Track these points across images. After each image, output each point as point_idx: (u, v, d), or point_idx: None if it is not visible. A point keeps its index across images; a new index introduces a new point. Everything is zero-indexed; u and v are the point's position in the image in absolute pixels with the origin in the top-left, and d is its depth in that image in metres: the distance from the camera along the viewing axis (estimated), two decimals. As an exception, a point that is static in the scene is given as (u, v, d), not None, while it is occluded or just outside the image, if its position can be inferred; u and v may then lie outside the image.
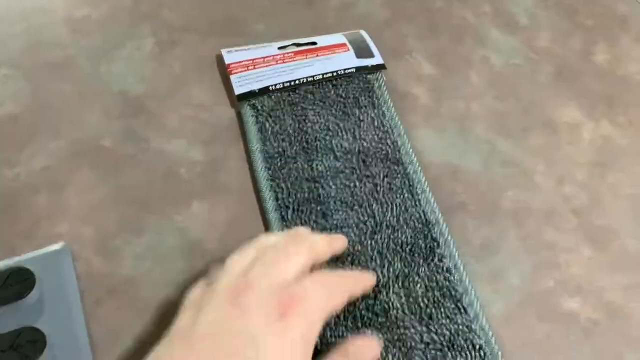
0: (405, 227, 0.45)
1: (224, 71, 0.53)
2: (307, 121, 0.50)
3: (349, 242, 0.44)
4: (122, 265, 0.43)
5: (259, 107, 0.51)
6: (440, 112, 0.52)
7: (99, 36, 0.56)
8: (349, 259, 0.43)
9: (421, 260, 0.43)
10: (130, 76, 0.53)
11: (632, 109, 0.53)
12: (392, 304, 0.41)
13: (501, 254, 0.45)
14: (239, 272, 0.36)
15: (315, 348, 0.39)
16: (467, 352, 0.39)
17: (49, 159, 0.48)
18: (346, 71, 0.53)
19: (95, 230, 0.45)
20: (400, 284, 0.42)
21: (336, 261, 0.43)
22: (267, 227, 0.45)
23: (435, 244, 0.44)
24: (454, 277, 0.43)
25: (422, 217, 0.45)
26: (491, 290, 0.43)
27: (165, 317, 0.41)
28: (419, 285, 0.42)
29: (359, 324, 0.41)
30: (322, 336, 0.40)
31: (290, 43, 0.55)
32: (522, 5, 0.61)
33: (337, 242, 0.42)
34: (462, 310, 0.41)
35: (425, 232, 0.45)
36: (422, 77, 0.55)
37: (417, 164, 0.48)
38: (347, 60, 0.54)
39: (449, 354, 0.39)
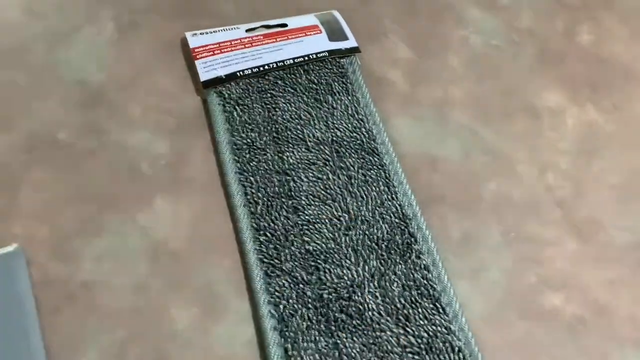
0: (381, 222, 0.43)
1: (189, 56, 0.50)
2: (277, 109, 0.47)
3: (322, 238, 0.42)
4: (81, 269, 0.41)
5: (226, 95, 0.48)
6: (418, 99, 0.50)
7: (56, 19, 0.52)
8: (322, 257, 0.41)
9: (398, 258, 0.41)
10: (90, 63, 0.50)
11: (617, 93, 0.51)
12: (368, 305, 0.39)
13: (482, 249, 0.43)
14: None
15: (286, 352, 0.37)
16: (446, 355, 0.38)
17: (1, 155, 0.45)
18: (318, 55, 0.50)
19: (51, 231, 0.42)
20: (376, 283, 0.40)
21: (309, 259, 0.41)
22: (235, 224, 0.43)
23: (412, 239, 0.42)
24: (432, 274, 0.41)
25: (399, 210, 0.43)
26: (471, 287, 0.41)
27: (125, 326, 0.39)
28: (395, 284, 0.40)
29: (333, 327, 0.38)
30: (294, 342, 0.38)
31: (259, 25, 0.52)
32: (503, -17, 0.58)
33: None
34: (441, 310, 0.39)
35: (402, 227, 0.42)
36: (399, 60, 0.52)
37: (394, 154, 0.46)
38: (320, 44, 0.51)
39: (427, 357, 0.38)
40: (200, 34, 0.51)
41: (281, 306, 0.39)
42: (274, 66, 0.49)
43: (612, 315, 0.40)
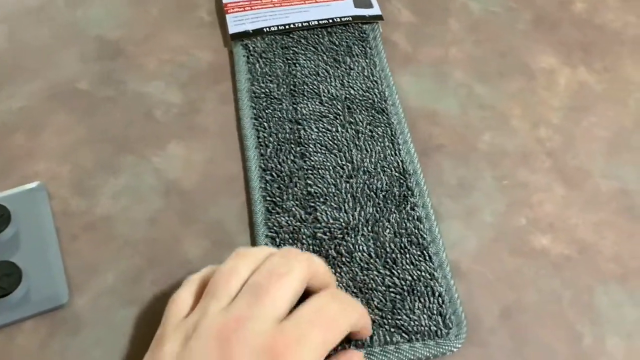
0: (381, 174, 0.45)
1: (220, 11, 0.53)
2: (297, 65, 0.50)
3: (324, 183, 0.44)
4: (99, 204, 0.43)
5: (251, 48, 0.51)
6: (419, 58, 0.52)
7: (76, -19, 0.55)
8: (322, 199, 0.44)
9: (393, 207, 0.44)
10: (107, 20, 0.53)
11: (609, 56, 0.53)
12: (359, 247, 0.42)
13: (476, 194, 0.45)
14: (227, 302, 0.33)
15: None
16: (427, 298, 0.40)
17: (26, 100, 0.48)
18: (342, 19, 0.53)
19: (72, 169, 0.45)
20: (369, 227, 0.43)
21: (309, 200, 0.43)
22: (245, 165, 0.45)
23: (409, 192, 0.44)
24: (424, 225, 0.43)
25: (400, 166, 0.46)
26: (465, 226, 0.44)
27: (141, 254, 0.41)
28: (388, 230, 0.43)
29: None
30: None
31: None
32: (502, -46, 0.61)
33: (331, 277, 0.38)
34: (427, 258, 0.41)
35: (402, 181, 0.45)
36: (401, 24, 0.55)
37: (402, 115, 0.48)
38: (345, 9, 0.54)
39: (408, 298, 0.40)
40: None
41: (277, 240, 0.42)
42: (299, 26, 0.52)
43: (597, 254, 0.43)
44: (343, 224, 0.43)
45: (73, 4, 0.54)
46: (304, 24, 0.52)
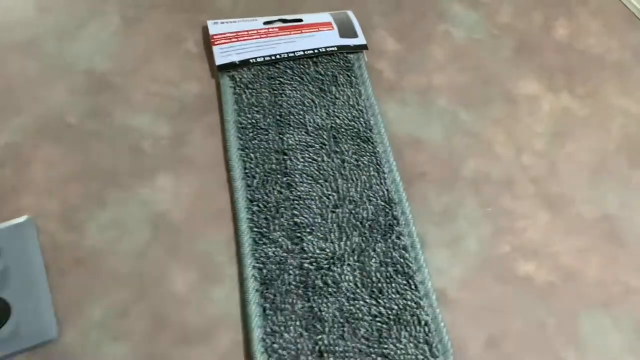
0: (367, 204, 0.46)
1: (207, 43, 0.54)
2: (283, 95, 0.51)
3: (310, 213, 0.45)
4: (87, 237, 0.44)
5: (238, 79, 0.51)
6: (403, 85, 0.53)
7: (65, 14, 0.56)
8: (308, 229, 0.44)
9: (379, 236, 0.44)
10: (96, 54, 0.53)
11: (591, 81, 0.54)
12: (345, 277, 0.42)
13: (460, 221, 0.46)
14: None
15: (264, 311, 0.40)
16: (413, 327, 0.40)
17: (14, 135, 0.48)
18: (328, 49, 0.54)
19: (60, 203, 0.45)
20: (355, 257, 0.43)
21: (295, 231, 0.44)
22: (232, 195, 0.46)
23: (395, 221, 0.45)
24: (409, 254, 0.43)
25: (386, 195, 0.46)
26: (450, 254, 0.44)
27: (129, 288, 0.42)
28: (373, 260, 0.43)
29: (310, 293, 0.41)
30: (273, 302, 0.41)
31: (276, 19, 0.56)
32: (484, -19, 0.62)
33: None
34: (413, 287, 0.42)
35: (387, 210, 0.45)
36: (386, 52, 0.55)
37: (388, 144, 0.49)
38: (330, 39, 0.55)
39: (395, 327, 0.40)
40: (221, 22, 0.55)
41: (264, 270, 0.42)
42: (285, 56, 0.53)
43: (581, 280, 0.43)
44: (329, 254, 0.43)
45: (62, 37, 0.54)
46: (289, 55, 0.53)
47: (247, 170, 0.47)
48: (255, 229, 0.44)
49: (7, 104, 0.50)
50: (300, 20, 0.56)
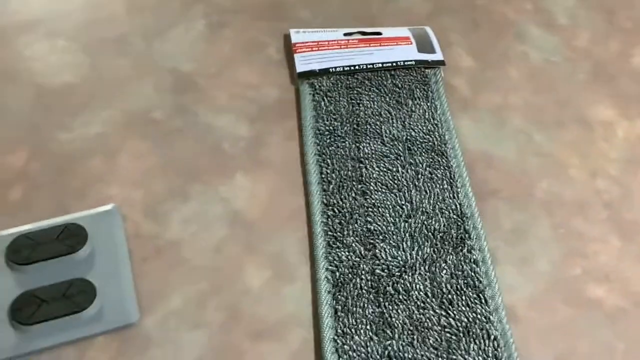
0: (439, 216, 0.46)
1: (288, 50, 0.56)
2: (360, 105, 0.52)
3: (384, 221, 0.46)
4: (169, 229, 0.46)
5: (317, 86, 0.53)
6: (478, 103, 0.54)
7: (153, 16, 0.59)
8: (381, 237, 0.45)
9: (450, 249, 0.45)
10: (182, 55, 0.56)
11: (667, 110, 0.54)
12: (416, 285, 0.43)
13: (531, 240, 0.46)
14: None
15: (335, 312, 0.41)
16: (482, 341, 0.41)
17: (103, 127, 0.51)
18: (406, 63, 0.55)
19: (144, 194, 0.47)
20: (427, 267, 0.44)
21: (368, 237, 0.45)
22: (307, 198, 0.47)
23: (466, 235, 0.46)
24: (480, 269, 0.44)
25: (458, 208, 0.47)
26: (519, 273, 0.44)
27: (206, 280, 0.43)
28: (444, 271, 0.44)
29: (381, 299, 0.42)
30: (344, 305, 0.42)
31: (356, 31, 0.57)
32: (562, 4, 0.62)
33: None
34: (483, 301, 0.42)
35: (459, 223, 0.46)
36: (462, 69, 0.56)
37: (462, 159, 0.49)
38: (408, 53, 0.56)
39: (464, 339, 0.41)
40: (303, 32, 0.57)
41: (337, 273, 0.43)
42: (364, 67, 0.54)
43: (652, 308, 0.43)
44: (401, 262, 0.44)
45: (150, 37, 0.57)
46: (368, 66, 0.54)
47: (323, 175, 0.48)
48: (330, 233, 0.45)
49: (98, 96, 0.52)
50: (380, 33, 0.57)
